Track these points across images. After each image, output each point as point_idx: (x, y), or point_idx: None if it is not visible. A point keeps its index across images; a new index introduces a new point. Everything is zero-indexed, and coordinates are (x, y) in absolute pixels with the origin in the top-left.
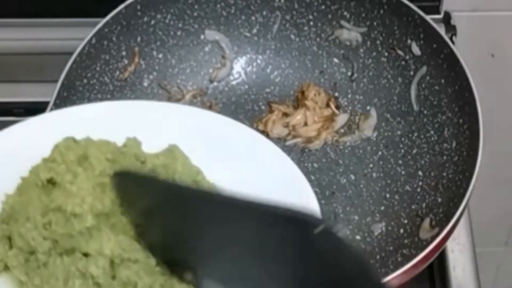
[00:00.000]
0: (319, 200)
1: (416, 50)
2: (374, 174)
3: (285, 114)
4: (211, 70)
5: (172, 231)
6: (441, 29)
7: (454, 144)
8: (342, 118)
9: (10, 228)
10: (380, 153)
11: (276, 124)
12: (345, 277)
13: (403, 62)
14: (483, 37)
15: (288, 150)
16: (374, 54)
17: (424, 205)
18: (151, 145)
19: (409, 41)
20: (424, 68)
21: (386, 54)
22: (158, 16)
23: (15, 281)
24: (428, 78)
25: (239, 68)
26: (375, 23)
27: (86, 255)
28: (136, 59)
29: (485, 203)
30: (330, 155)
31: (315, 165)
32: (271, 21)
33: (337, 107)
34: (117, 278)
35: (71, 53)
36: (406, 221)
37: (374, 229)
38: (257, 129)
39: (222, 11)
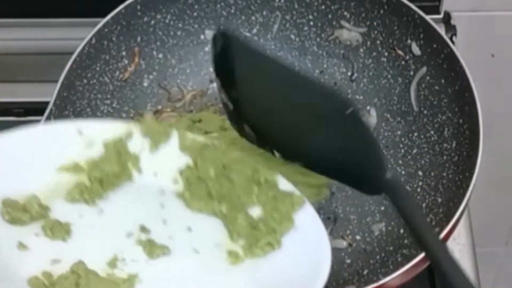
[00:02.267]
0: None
1: (416, 50)
2: None
3: None
4: (211, 70)
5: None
6: (441, 29)
7: (454, 144)
8: None
9: None
10: None
11: None
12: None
13: (403, 62)
14: (483, 37)
15: None
16: (374, 54)
17: (424, 205)
18: None
19: (409, 41)
20: (424, 68)
21: (386, 54)
22: (158, 16)
23: None
24: (428, 78)
25: None
26: (375, 23)
27: None
28: (136, 59)
29: (485, 203)
30: None
31: None
32: (271, 21)
33: None
34: None
35: (71, 53)
36: None
37: (374, 229)
38: None
39: (222, 11)
